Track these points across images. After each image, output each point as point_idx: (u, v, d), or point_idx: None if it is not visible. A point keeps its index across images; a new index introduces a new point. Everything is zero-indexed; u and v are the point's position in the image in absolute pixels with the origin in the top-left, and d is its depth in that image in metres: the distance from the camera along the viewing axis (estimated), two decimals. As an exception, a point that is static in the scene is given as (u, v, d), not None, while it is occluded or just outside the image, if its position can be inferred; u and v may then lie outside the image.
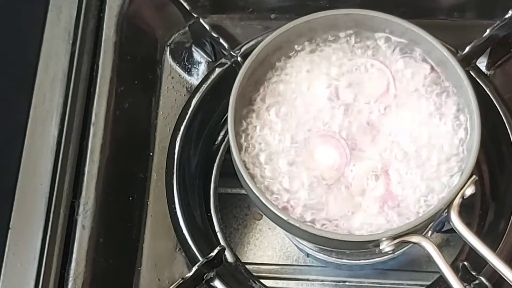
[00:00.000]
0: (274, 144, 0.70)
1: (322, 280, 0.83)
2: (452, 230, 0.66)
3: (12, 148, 0.75)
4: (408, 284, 0.82)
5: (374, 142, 0.69)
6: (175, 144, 0.78)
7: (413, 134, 0.70)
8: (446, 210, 0.66)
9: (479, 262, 0.69)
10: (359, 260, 0.79)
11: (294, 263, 0.84)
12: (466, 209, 0.78)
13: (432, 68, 0.72)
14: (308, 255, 0.82)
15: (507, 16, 0.77)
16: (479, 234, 0.75)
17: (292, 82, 0.72)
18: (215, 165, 0.84)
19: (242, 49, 0.80)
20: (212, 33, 0.80)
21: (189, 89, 0.86)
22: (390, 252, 0.77)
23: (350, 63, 0.72)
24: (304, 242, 0.79)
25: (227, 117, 0.68)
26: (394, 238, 0.65)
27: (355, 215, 0.67)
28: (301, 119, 0.71)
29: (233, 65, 0.80)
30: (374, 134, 0.70)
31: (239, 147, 0.69)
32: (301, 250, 0.83)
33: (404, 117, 0.70)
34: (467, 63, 0.77)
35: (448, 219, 0.66)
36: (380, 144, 0.69)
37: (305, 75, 0.72)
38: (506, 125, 0.77)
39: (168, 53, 0.87)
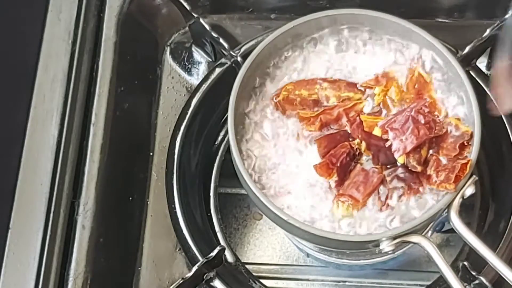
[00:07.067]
0: (274, 144, 0.70)
1: (322, 280, 0.83)
2: (452, 230, 0.66)
3: (12, 148, 0.74)
4: (408, 284, 0.82)
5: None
6: (175, 144, 0.78)
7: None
8: (446, 210, 0.66)
9: (479, 262, 0.69)
10: (359, 260, 0.79)
11: (294, 263, 0.84)
12: (466, 209, 0.78)
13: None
14: (308, 255, 0.82)
15: (507, 16, 0.77)
16: (479, 234, 0.75)
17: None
18: (215, 165, 0.84)
19: (242, 49, 0.80)
20: (212, 33, 0.80)
21: (189, 89, 0.86)
22: (390, 252, 0.77)
23: (350, 64, 0.72)
24: (304, 242, 0.79)
25: (227, 117, 0.68)
26: (394, 238, 0.65)
27: (356, 215, 0.67)
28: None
29: (233, 65, 0.80)
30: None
31: (239, 147, 0.69)
32: (301, 250, 0.83)
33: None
34: (467, 63, 0.78)
35: (448, 219, 0.66)
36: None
37: (304, 75, 0.72)
38: (506, 125, 0.77)
39: (168, 53, 0.87)
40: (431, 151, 0.67)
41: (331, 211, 0.67)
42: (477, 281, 0.73)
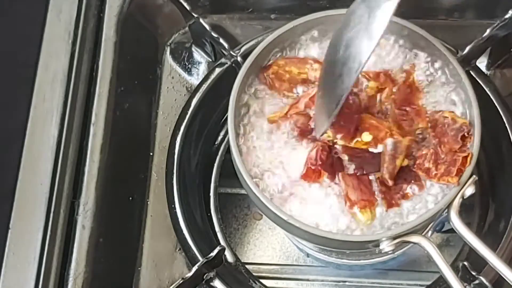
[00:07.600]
0: (274, 145, 0.70)
1: (322, 280, 0.83)
2: (452, 230, 0.66)
3: (12, 148, 0.75)
4: (408, 284, 0.82)
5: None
6: (175, 144, 0.78)
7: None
8: (446, 210, 0.66)
9: (479, 262, 0.69)
10: (359, 260, 0.79)
11: (294, 263, 0.84)
12: (466, 209, 0.78)
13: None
14: (308, 255, 0.82)
15: (507, 16, 0.77)
16: (479, 234, 0.76)
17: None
18: (215, 165, 0.84)
19: (242, 49, 0.80)
20: (212, 33, 0.80)
21: (189, 89, 0.86)
22: (390, 252, 0.77)
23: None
24: (304, 242, 0.79)
25: (227, 117, 0.68)
26: (394, 238, 0.65)
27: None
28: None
29: (233, 65, 0.80)
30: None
31: (239, 147, 0.69)
32: (301, 250, 0.83)
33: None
34: (467, 63, 0.78)
35: (448, 219, 0.66)
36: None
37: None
38: (506, 125, 0.77)
39: (168, 53, 0.87)
40: (425, 151, 0.67)
41: (355, 221, 0.66)
42: (477, 281, 0.73)
